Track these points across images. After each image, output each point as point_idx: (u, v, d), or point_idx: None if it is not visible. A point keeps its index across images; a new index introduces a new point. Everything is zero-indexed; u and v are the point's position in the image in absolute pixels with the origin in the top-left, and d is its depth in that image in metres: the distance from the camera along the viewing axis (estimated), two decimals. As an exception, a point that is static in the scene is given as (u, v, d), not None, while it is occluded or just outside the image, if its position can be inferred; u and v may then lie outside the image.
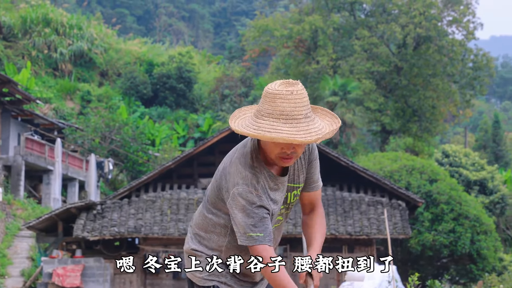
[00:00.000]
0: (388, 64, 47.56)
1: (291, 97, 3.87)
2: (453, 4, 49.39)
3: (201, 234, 4.30)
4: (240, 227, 4.02)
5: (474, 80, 49.82)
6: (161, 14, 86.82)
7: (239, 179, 4.02)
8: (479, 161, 38.63)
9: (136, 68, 52.93)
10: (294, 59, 51.61)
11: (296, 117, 3.85)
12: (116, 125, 39.90)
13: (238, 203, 4.01)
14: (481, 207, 32.75)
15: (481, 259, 30.14)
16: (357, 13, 52.07)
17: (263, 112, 3.90)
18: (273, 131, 3.83)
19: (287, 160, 4.00)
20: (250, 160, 4.07)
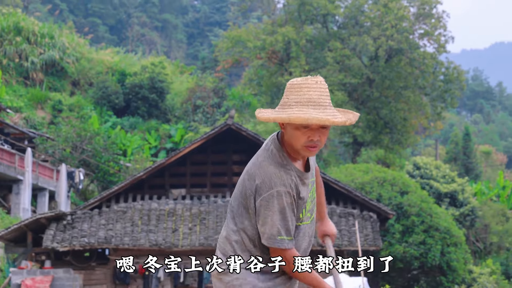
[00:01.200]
0: (360, 76, 47.77)
1: (316, 86, 4.06)
2: (425, 18, 49.72)
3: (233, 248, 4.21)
4: (273, 229, 4.05)
5: (445, 92, 50.13)
6: (134, 24, 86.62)
7: (276, 180, 4.07)
8: (449, 174, 38.87)
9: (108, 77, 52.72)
10: (267, 70, 51.68)
11: (322, 104, 4.03)
12: (88, 135, 39.69)
13: (276, 204, 4.04)
14: (451, 219, 32.94)
15: (451, 271, 30.30)
16: (330, 25, 52.26)
17: (289, 102, 4.06)
18: (304, 114, 3.97)
19: (313, 149, 4.10)
20: (280, 159, 4.13)
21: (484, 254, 38.45)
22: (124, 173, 39.12)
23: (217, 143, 27.96)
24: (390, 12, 47.49)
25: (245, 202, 4.16)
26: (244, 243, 4.19)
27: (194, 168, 28.21)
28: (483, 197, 41.84)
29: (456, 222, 34.95)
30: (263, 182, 4.07)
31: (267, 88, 51.44)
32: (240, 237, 4.19)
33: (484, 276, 31.36)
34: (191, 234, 25.57)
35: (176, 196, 27.43)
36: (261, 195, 4.06)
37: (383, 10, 47.72)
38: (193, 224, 25.95)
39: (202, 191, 27.90)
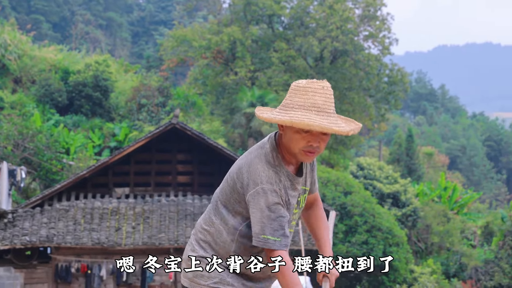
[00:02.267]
0: (305, 77, 47.95)
1: (322, 91, 3.98)
2: (369, 20, 50.17)
3: (208, 238, 4.21)
4: (259, 227, 4.00)
5: (389, 94, 50.66)
6: (78, 22, 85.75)
7: (263, 177, 4.02)
8: (392, 174, 39.26)
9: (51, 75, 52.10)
10: (212, 70, 51.63)
11: (326, 110, 3.95)
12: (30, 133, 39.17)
13: (261, 202, 3.99)
14: (394, 219, 33.29)
15: (393, 270, 30.63)
16: (275, 25, 52.43)
17: (292, 105, 3.98)
18: (307, 119, 3.89)
19: (311, 155, 4.05)
20: (271, 159, 4.08)
21: (425, 254, 38.92)
22: (67, 171, 38.70)
23: (162, 142, 27.84)
24: (335, 13, 47.81)
25: (232, 195, 4.14)
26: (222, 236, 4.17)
27: (138, 167, 28.06)
28: (425, 198, 42.34)
29: (398, 222, 35.33)
30: (251, 178, 4.04)
31: (212, 88, 51.41)
32: (220, 230, 4.17)
33: (425, 275, 31.75)
34: (135, 233, 25.43)
35: (119, 195, 27.24)
36: (248, 192, 4.04)
37: (329, 11, 48.02)
38: (137, 223, 25.81)
39: (146, 190, 27.76)
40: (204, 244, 4.23)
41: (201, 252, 4.22)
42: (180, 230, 25.65)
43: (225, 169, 25.71)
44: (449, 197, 45.07)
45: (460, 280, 36.77)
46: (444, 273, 36.58)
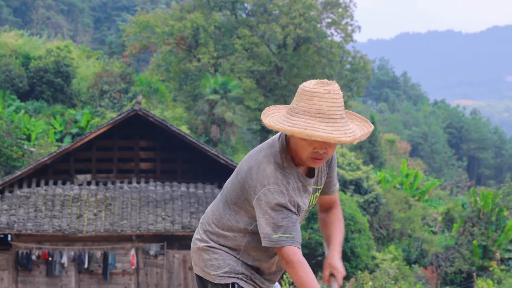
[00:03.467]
0: (268, 64, 48.00)
1: (328, 96, 3.83)
2: (332, 7, 50.27)
3: (217, 231, 4.18)
4: (267, 228, 3.93)
5: (352, 81, 50.85)
6: (39, 7, 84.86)
7: (270, 178, 3.94)
8: (355, 161, 39.46)
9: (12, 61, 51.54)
10: (175, 56, 51.43)
11: (332, 117, 3.81)
12: (-10, 119, 38.80)
13: (268, 204, 3.92)
14: (356, 206, 33.49)
15: (355, 256, 30.84)
16: (239, 12, 52.32)
17: (298, 110, 3.86)
18: (310, 128, 3.78)
19: (318, 161, 3.95)
20: (280, 160, 4.00)
21: (387, 241, 39.24)
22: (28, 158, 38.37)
23: (124, 129, 27.70)
24: (298, 0, 47.85)
25: (242, 194, 4.08)
26: (232, 231, 4.15)
27: (100, 154, 27.90)
28: (387, 185, 42.64)
29: (361, 209, 35.56)
30: (258, 180, 3.97)
31: (175, 74, 51.22)
32: (229, 225, 4.15)
33: (387, 262, 32.01)
34: (96, 220, 25.31)
35: (81, 181, 27.08)
36: (256, 194, 3.97)
37: (292, -2, 48.07)
38: (99, 210, 25.69)
39: (108, 176, 27.62)
40: (213, 235, 4.21)
41: (211, 243, 4.20)
42: (142, 217, 25.58)
43: (187, 156, 25.57)
44: (410, 184, 45.44)
45: (421, 266, 37.14)
46: (406, 259, 36.93)
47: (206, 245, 4.21)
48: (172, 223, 25.43)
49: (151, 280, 25.38)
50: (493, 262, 36.56)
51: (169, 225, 25.32)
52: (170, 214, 25.74)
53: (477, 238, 36.80)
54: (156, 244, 25.35)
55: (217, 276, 4.15)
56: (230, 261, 4.15)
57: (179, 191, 26.75)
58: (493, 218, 37.53)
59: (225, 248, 4.17)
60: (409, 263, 36.58)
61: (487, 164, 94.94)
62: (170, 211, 25.85)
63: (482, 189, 49.68)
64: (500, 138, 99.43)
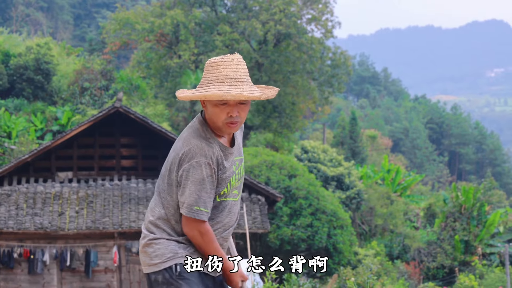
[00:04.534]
0: (249, 60, 47.96)
1: (233, 63, 4.20)
2: (312, 3, 50.30)
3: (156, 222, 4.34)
4: (190, 198, 4.18)
5: (332, 77, 50.92)
6: (18, 4, 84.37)
7: (197, 151, 4.20)
8: (336, 157, 39.52)
9: (-8, 58, 51.25)
10: (155, 53, 51.30)
11: (239, 80, 4.16)
12: (-30, 117, 38.57)
13: (195, 174, 4.17)
14: (338, 202, 33.53)
15: (337, 253, 30.87)
16: (219, 8, 52.26)
17: (207, 81, 4.20)
18: (220, 90, 4.10)
19: (233, 125, 4.24)
20: (202, 133, 4.27)
21: (369, 236, 39.34)
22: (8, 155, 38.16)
23: (105, 126, 27.58)
24: (279, -4, 47.83)
25: (170, 177, 4.29)
26: (167, 217, 4.32)
27: (82, 151, 27.76)
28: (369, 181, 42.74)
29: (343, 205, 35.61)
30: (185, 153, 4.21)
31: (156, 71, 51.11)
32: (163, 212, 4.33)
33: (369, 257, 32.10)
34: (78, 217, 25.20)
35: (62, 179, 26.94)
36: (182, 166, 4.21)
37: (272, -6, 48.03)
38: (80, 207, 25.58)
39: (90, 174, 27.50)
40: (153, 228, 4.37)
41: (151, 236, 4.36)
42: (124, 214, 25.49)
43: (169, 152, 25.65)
44: (392, 179, 45.58)
45: (404, 261, 37.27)
46: (388, 254, 37.05)
47: (148, 239, 4.36)
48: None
49: (134, 278, 25.31)
50: (475, 257, 36.74)
51: (151, 222, 25.27)
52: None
53: (459, 233, 36.96)
54: (138, 241, 25.27)
55: (162, 262, 4.30)
56: (172, 246, 4.32)
57: (161, 188, 26.68)
58: (475, 213, 37.70)
59: (165, 235, 4.33)
60: (391, 259, 36.71)
61: (468, 159, 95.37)
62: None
63: (463, 184, 49.92)
64: (481, 133, 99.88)
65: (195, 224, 4.22)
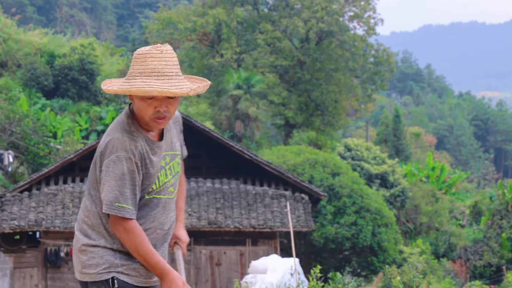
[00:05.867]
0: (291, 58, 47.89)
1: (161, 55, 3.95)
2: (354, 0, 50.06)
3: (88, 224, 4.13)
4: (111, 195, 3.94)
5: (375, 75, 50.65)
6: (62, 5, 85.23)
7: (117, 145, 3.97)
8: (380, 155, 39.28)
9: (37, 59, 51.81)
10: (198, 52, 51.46)
11: (167, 74, 3.92)
12: (17, 117, 38.98)
13: (116, 169, 3.94)
14: (382, 200, 33.33)
15: (382, 251, 30.69)
16: (261, 7, 52.25)
17: (134, 73, 3.95)
18: (146, 86, 3.86)
19: (161, 121, 4.02)
20: (126, 126, 4.04)
21: (414, 235, 39.04)
22: (54, 155, 38.55)
23: (149, 125, 27.74)
24: (320, -6, 47.71)
25: (95, 172, 4.07)
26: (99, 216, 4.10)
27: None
28: (413, 178, 42.42)
29: (387, 203, 35.38)
30: (106, 148, 3.99)
31: (198, 70, 51.25)
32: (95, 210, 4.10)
33: (414, 256, 31.83)
34: (123, 216, 25.39)
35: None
36: (102, 161, 3.99)
37: (314, -8, 47.91)
38: (125, 206, 25.76)
39: (134, 173, 27.67)
40: (86, 231, 4.14)
41: (86, 240, 4.12)
42: (169, 213, 25.62)
43: (212, 151, 25.59)
44: (437, 177, 45.19)
45: (450, 260, 36.92)
46: (434, 253, 36.71)
47: (83, 244, 4.13)
48: (198, 219, 25.44)
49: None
50: (522, 255, 36.28)
51: (195, 221, 25.33)
52: (196, 210, 25.74)
53: (506, 231, 36.52)
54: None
55: (97, 273, 4.08)
56: (107, 256, 4.08)
57: (204, 187, 26.76)
58: (522, 211, 37.23)
59: (100, 243, 4.10)
60: (437, 257, 36.37)
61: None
62: (196, 207, 25.86)
63: (510, 181, 49.28)
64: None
65: (119, 222, 3.96)
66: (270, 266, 20.39)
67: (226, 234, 25.75)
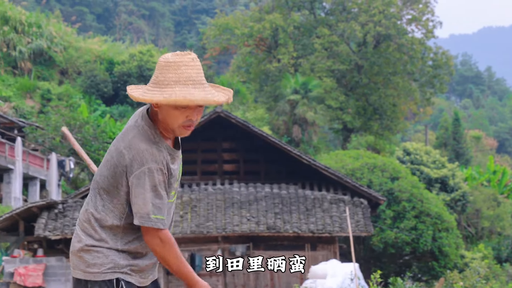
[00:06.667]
0: (348, 63, 47.73)
1: (193, 63, 3.95)
2: (412, 3, 49.71)
3: (95, 226, 4.11)
4: (145, 207, 3.95)
5: (434, 78, 50.20)
6: (121, 12, 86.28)
7: (147, 156, 3.95)
8: (440, 159, 38.88)
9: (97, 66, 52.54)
10: (255, 57, 51.60)
11: (201, 82, 3.93)
12: (77, 124, 39.56)
13: (149, 181, 3.94)
14: (442, 204, 32.97)
15: (443, 256, 30.34)
16: (317, 11, 52.18)
17: (167, 81, 3.92)
18: (189, 95, 3.86)
19: (189, 128, 4.04)
20: (151, 136, 4.03)
21: (476, 239, 38.53)
22: (114, 161, 39.05)
23: (207, 131, 27.88)
24: (377, -3, 47.47)
25: (115, 180, 4.04)
26: (108, 221, 4.08)
27: (184, 156, 28.02)
28: (474, 182, 41.89)
29: (447, 207, 34.99)
30: (134, 159, 3.96)
31: (255, 75, 51.38)
32: (105, 215, 4.08)
33: (476, 261, 31.38)
34: (183, 221, 25.53)
35: (167, 184, 27.36)
36: (132, 173, 3.96)
37: (371, -4, 47.70)
38: (184, 211, 25.91)
39: (193, 178, 27.85)
40: (91, 232, 4.12)
41: (90, 241, 4.10)
42: (228, 218, 25.70)
43: (270, 156, 25.59)
44: (498, 180, 44.54)
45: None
46: (496, 257, 36.16)
47: (86, 244, 4.10)
48: (257, 224, 25.48)
49: (238, 281, 25.48)
50: None
51: (254, 226, 25.37)
52: (255, 215, 25.79)
53: None
54: (242, 245, 25.44)
55: (101, 273, 4.07)
56: (113, 256, 4.08)
57: (263, 192, 26.80)
58: None
59: (105, 244, 4.08)
60: (499, 262, 35.81)
61: None
62: (254, 212, 25.91)
63: None
64: None
65: (155, 233, 3.98)
66: (330, 271, 20.33)
67: (285, 239, 25.74)
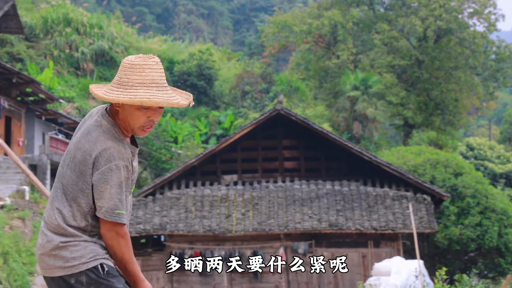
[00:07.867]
0: (409, 58, 47.27)
1: (157, 67, 4.09)
2: (474, -4, 49.07)
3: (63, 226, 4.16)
4: (110, 202, 4.06)
5: (497, 72, 49.46)
6: (180, 12, 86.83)
7: (114, 154, 4.07)
8: (504, 154, 38.34)
9: (157, 66, 52.95)
10: (314, 54, 51.44)
11: (164, 85, 4.08)
12: (138, 123, 40.00)
13: (115, 178, 4.05)
14: (508, 200, 32.47)
15: (510, 252, 29.88)
16: (376, 7, 51.80)
17: (132, 83, 4.05)
18: (153, 97, 4.00)
19: (149, 129, 4.18)
20: (116, 134, 4.15)
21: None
22: (176, 160, 39.29)
23: (267, 129, 27.90)
24: (438, -9, 46.94)
25: (80, 179, 4.11)
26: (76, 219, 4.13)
27: (245, 154, 28.20)
28: (539, 177, 41.15)
29: (513, 202, 34.46)
30: (101, 156, 4.07)
31: (315, 72, 51.22)
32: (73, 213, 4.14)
33: (544, 258, 30.85)
34: (244, 219, 25.59)
35: (228, 182, 27.46)
36: (98, 169, 4.06)
37: (431, -10, 47.18)
38: (246, 209, 25.96)
39: (254, 176, 27.89)
40: (61, 231, 4.16)
41: (62, 238, 4.15)
42: (289, 215, 25.68)
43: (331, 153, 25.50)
44: None
45: None
46: None
47: (61, 241, 4.15)
48: (319, 221, 25.41)
49: (301, 279, 25.44)
50: None
51: (316, 223, 25.31)
52: (317, 212, 25.72)
53: None
54: (304, 243, 25.40)
55: (84, 263, 4.12)
56: (91, 247, 4.15)
57: (324, 189, 26.71)
58: None
59: (79, 238, 4.14)
60: None
61: None
62: (316, 209, 25.85)
63: None
64: None
65: (114, 227, 4.10)
66: (394, 268, 20.17)
67: (347, 236, 25.62)
